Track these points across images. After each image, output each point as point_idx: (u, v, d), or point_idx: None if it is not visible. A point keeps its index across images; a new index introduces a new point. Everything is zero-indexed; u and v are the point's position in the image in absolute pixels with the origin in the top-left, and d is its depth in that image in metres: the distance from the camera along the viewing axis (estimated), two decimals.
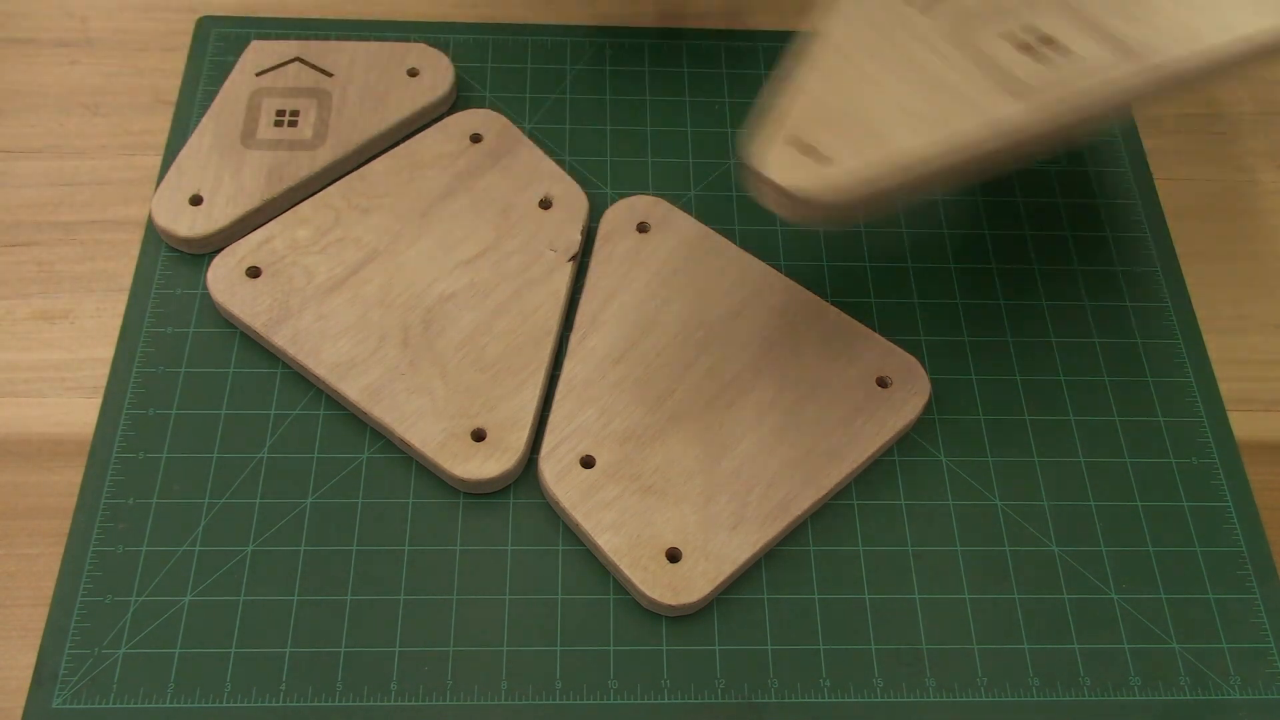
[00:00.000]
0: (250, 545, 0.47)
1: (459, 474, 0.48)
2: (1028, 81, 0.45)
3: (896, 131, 0.43)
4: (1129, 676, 0.46)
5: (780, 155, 0.42)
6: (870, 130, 0.43)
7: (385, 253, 0.53)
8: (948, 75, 0.45)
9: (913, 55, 0.46)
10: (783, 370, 0.51)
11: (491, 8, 0.65)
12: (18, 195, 0.56)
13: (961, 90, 0.45)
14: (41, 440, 0.50)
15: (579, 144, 0.60)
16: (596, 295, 0.53)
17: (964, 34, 0.46)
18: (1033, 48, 0.45)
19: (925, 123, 0.43)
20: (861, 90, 0.45)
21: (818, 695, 0.45)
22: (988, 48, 0.46)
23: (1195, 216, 0.60)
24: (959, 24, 0.47)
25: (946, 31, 0.47)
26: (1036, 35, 0.46)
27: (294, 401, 0.51)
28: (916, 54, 0.46)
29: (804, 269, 0.56)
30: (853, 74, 0.45)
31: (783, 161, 0.42)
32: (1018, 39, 0.46)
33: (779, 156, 0.42)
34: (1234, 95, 0.65)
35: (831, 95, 0.44)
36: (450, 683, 0.45)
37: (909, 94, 0.44)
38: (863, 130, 0.43)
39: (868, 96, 0.44)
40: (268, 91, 0.58)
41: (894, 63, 0.46)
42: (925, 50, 0.46)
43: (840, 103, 0.44)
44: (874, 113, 0.44)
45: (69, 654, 0.45)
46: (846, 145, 0.43)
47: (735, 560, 0.46)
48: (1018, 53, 0.45)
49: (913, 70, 0.45)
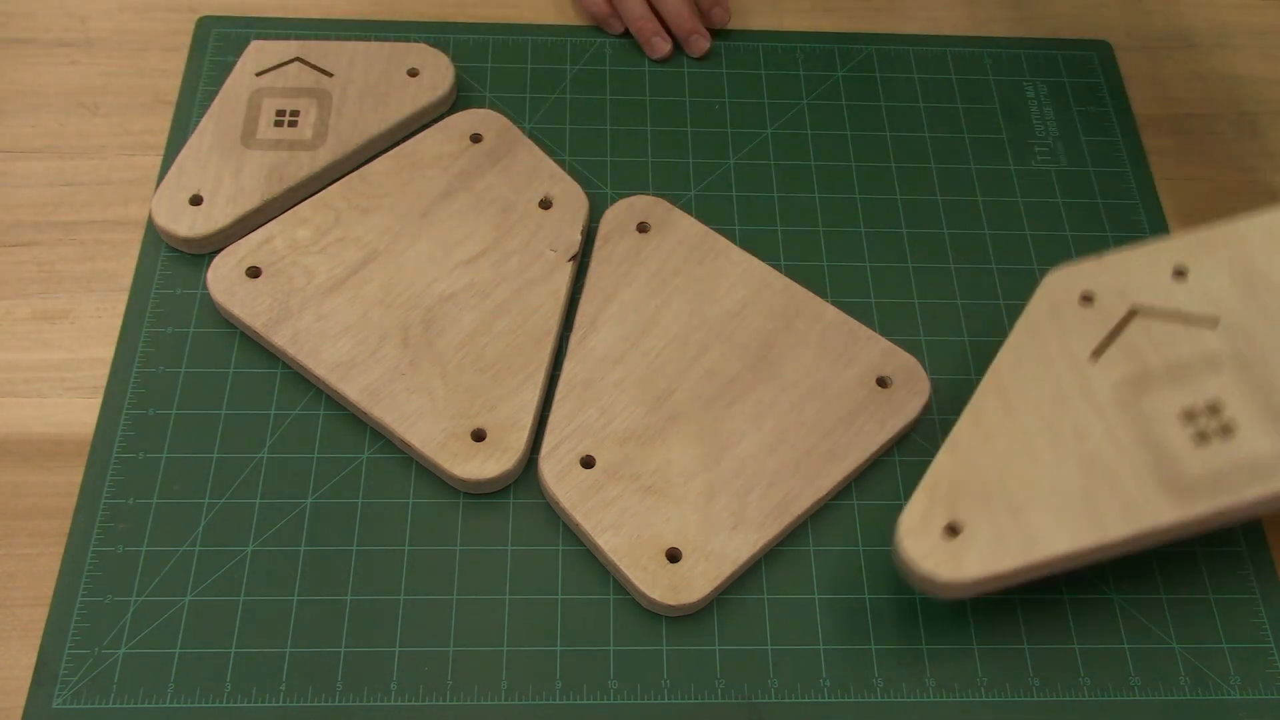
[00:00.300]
0: (250, 545, 0.47)
1: (459, 474, 0.48)
2: (1191, 479, 0.44)
3: (1044, 526, 0.43)
4: (1129, 677, 0.46)
5: (924, 540, 0.43)
6: (1019, 520, 0.43)
7: (385, 253, 0.53)
8: (1108, 454, 0.44)
9: (1076, 417, 0.45)
10: (783, 370, 0.51)
11: (491, 8, 0.65)
12: (18, 195, 0.56)
13: (1120, 480, 0.44)
14: (41, 440, 0.50)
15: (579, 144, 0.60)
16: (596, 295, 0.53)
17: (1137, 398, 0.45)
18: (1207, 437, 0.44)
19: (1074, 518, 0.43)
20: (1018, 457, 0.45)
21: (818, 695, 0.45)
22: (1157, 425, 0.45)
23: (1195, 216, 0.60)
24: (1134, 383, 0.46)
25: (1118, 387, 0.46)
26: (1212, 415, 0.45)
27: (294, 401, 0.51)
28: (1080, 416, 0.45)
29: (804, 269, 0.56)
30: (1013, 432, 0.45)
31: (925, 547, 0.43)
32: (1192, 420, 0.45)
33: (923, 541, 0.43)
34: (1234, 95, 0.65)
35: (988, 459, 0.45)
36: (450, 683, 0.45)
37: (1065, 473, 0.44)
38: (1011, 519, 0.43)
39: (1023, 468, 0.44)
40: (268, 91, 0.58)
41: (1056, 423, 0.45)
42: (1091, 414, 0.45)
43: (995, 470, 0.44)
44: (1026, 493, 0.44)
45: (69, 654, 0.45)
46: (991, 533, 0.43)
47: (735, 560, 0.46)
48: (1189, 440, 0.44)
49: (1074, 437, 0.45)
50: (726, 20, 0.64)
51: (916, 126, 0.61)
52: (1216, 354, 0.46)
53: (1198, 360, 0.46)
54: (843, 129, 0.61)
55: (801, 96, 0.62)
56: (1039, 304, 0.49)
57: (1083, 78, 0.64)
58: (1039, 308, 0.49)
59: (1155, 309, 0.47)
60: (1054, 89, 0.64)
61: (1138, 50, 0.66)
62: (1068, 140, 0.62)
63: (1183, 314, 0.47)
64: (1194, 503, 0.43)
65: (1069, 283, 0.49)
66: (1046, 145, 0.61)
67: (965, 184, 0.60)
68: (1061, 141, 0.61)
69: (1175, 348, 0.46)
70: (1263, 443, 0.44)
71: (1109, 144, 0.62)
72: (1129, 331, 0.47)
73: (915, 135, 0.61)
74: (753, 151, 0.60)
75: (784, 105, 0.62)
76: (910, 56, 0.64)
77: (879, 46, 0.65)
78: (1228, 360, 0.46)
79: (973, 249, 0.57)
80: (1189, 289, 0.48)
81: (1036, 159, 0.61)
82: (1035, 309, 0.49)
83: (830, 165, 0.60)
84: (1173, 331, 0.47)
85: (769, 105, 0.62)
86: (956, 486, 0.44)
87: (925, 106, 0.62)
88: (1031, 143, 0.61)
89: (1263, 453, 0.44)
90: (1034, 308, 0.49)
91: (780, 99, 0.62)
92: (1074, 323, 0.48)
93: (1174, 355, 0.46)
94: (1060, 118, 0.62)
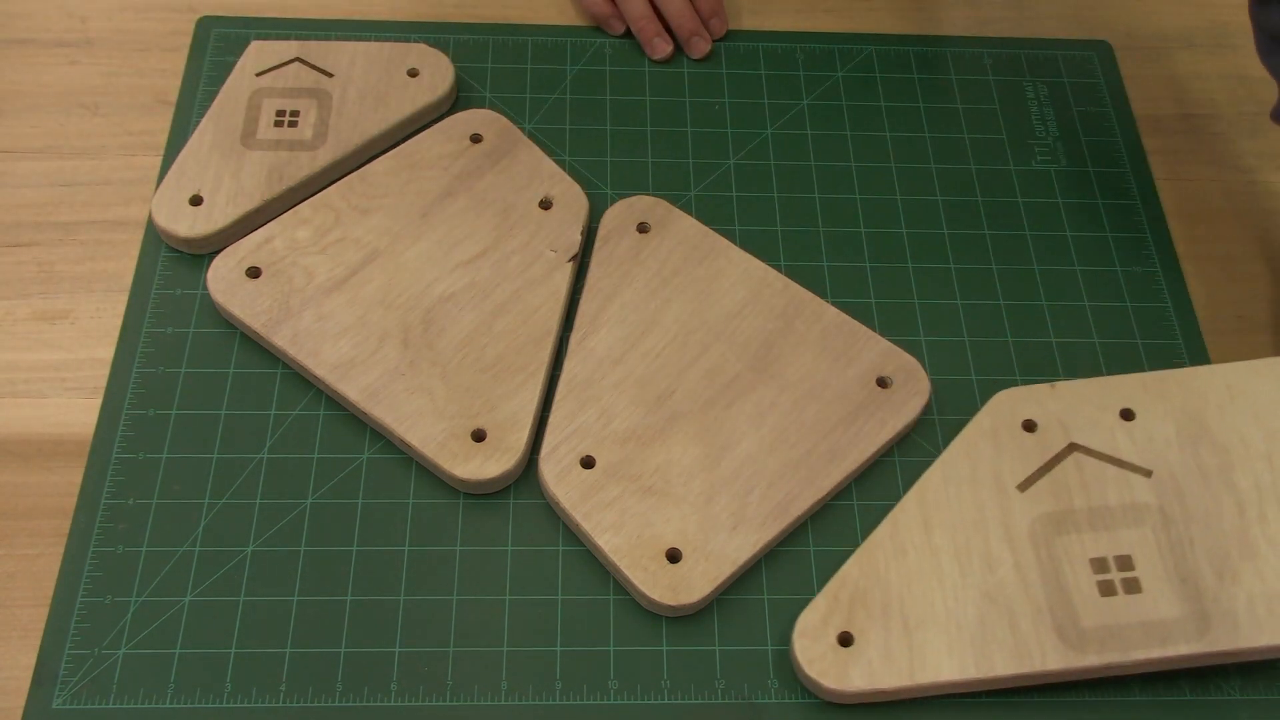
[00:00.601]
0: (250, 545, 0.47)
1: (459, 474, 0.48)
2: (1085, 629, 0.44)
3: (934, 651, 0.44)
4: (1129, 677, 0.46)
5: (817, 644, 0.44)
6: (911, 640, 0.44)
7: (385, 253, 0.53)
8: (1013, 589, 0.45)
9: (991, 546, 0.46)
10: (783, 370, 0.51)
11: (491, 8, 0.65)
12: (18, 195, 0.56)
13: (1017, 618, 0.44)
14: (41, 440, 0.50)
15: (579, 144, 0.60)
16: (596, 295, 0.53)
17: (1053, 537, 0.46)
18: (1113, 588, 0.45)
19: (964, 649, 0.44)
20: (925, 576, 0.45)
21: (818, 695, 0.45)
22: (1067, 569, 0.45)
23: (1195, 216, 0.60)
24: (1055, 521, 0.46)
25: (1038, 522, 0.46)
26: (1122, 569, 0.45)
27: (294, 401, 0.51)
28: (995, 546, 0.46)
29: (804, 269, 0.56)
30: (927, 550, 0.46)
31: (816, 651, 0.44)
32: (1102, 569, 0.45)
33: (815, 645, 0.44)
34: (1234, 95, 0.65)
35: (896, 574, 0.45)
36: (450, 683, 0.45)
37: (966, 601, 0.45)
38: (904, 638, 0.44)
39: (927, 588, 0.45)
40: (268, 91, 0.58)
41: (969, 549, 0.46)
42: (1005, 545, 0.46)
43: (901, 585, 0.45)
44: (924, 614, 0.44)
45: (69, 654, 0.45)
46: (882, 649, 0.44)
47: (735, 560, 0.46)
48: (1096, 590, 0.45)
49: (984, 566, 0.45)
50: (724, 31, 0.64)
51: (916, 126, 0.61)
52: (1143, 506, 0.47)
53: (1122, 510, 0.47)
54: (843, 129, 0.61)
55: (801, 96, 0.62)
56: (981, 422, 0.49)
57: (1083, 78, 0.64)
58: (980, 426, 0.49)
59: (1093, 450, 0.48)
60: (1054, 89, 0.64)
61: (1138, 50, 0.66)
62: (1068, 140, 0.62)
63: (1119, 460, 0.48)
64: (1083, 654, 0.44)
65: (1015, 405, 0.49)
66: (1046, 145, 0.61)
67: (965, 184, 0.59)
68: (1061, 141, 0.61)
69: (1103, 493, 0.47)
70: (1162, 606, 0.45)
71: (1109, 144, 0.62)
72: (1062, 467, 0.47)
73: (915, 135, 0.61)
74: (753, 152, 0.60)
75: (784, 105, 0.62)
76: (910, 56, 0.64)
77: (879, 46, 0.65)
78: (1152, 515, 0.46)
79: (973, 249, 0.57)
80: (1132, 432, 0.48)
81: (1036, 159, 0.61)
82: (976, 427, 0.49)
83: (830, 165, 0.60)
84: (1105, 475, 0.47)
85: (769, 105, 0.62)
86: (859, 595, 0.45)
87: (925, 106, 0.62)
88: (1031, 143, 0.61)
89: (1161, 617, 0.44)
90: (976, 425, 0.49)
91: (780, 99, 0.62)
92: (1011, 448, 0.48)
93: (1100, 500, 0.47)
94: (1060, 118, 0.62)
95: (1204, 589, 0.45)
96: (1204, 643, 0.44)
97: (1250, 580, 0.45)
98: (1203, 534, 0.46)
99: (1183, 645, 0.44)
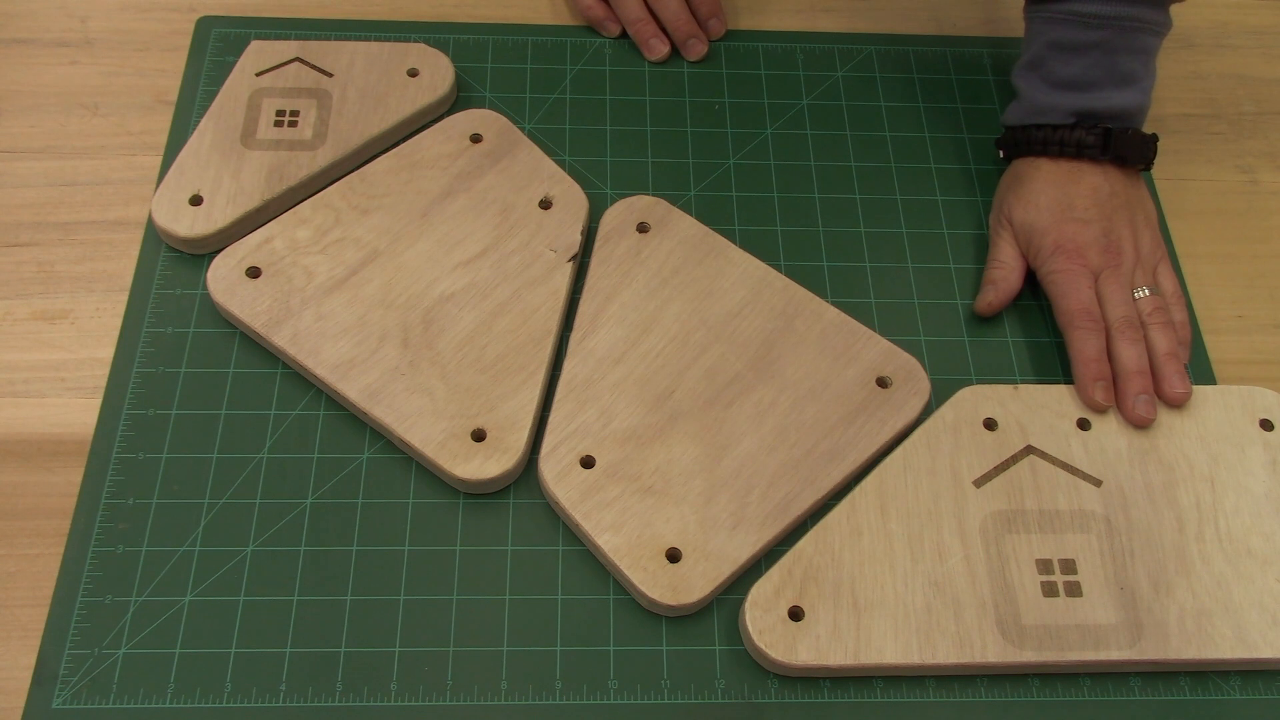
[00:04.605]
0: (250, 545, 0.47)
1: (459, 474, 0.48)
2: (1025, 627, 0.45)
3: (881, 633, 0.45)
4: (1129, 677, 0.46)
5: (767, 615, 0.45)
6: (859, 620, 0.45)
7: (385, 253, 0.53)
8: (960, 581, 0.46)
9: (943, 537, 0.47)
10: (783, 370, 0.51)
11: (491, 8, 0.65)
12: (18, 195, 0.56)
13: (962, 608, 0.45)
14: (41, 440, 0.50)
15: (579, 144, 0.60)
16: (596, 295, 0.53)
17: (1002, 535, 0.47)
18: (1056, 590, 0.46)
19: (909, 634, 0.45)
20: (877, 560, 0.46)
21: (817, 695, 0.45)
22: (1013, 567, 0.46)
23: (1195, 216, 0.60)
24: (1006, 519, 0.47)
25: (990, 518, 0.47)
26: (1066, 572, 0.46)
27: (294, 401, 0.51)
28: (946, 537, 0.47)
29: (804, 269, 0.56)
30: (881, 535, 0.47)
31: (766, 622, 0.45)
32: (1047, 570, 0.46)
33: (766, 616, 0.45)
34: (1234, 95, 0.65)
35: (850, 554, 0.46)
36: (450, 683, 0.45)
37: (915, 587, 0.46)
38: (852, 618, 0.45)
39: (878, 572, 0.46)
40: (268, 91, 0.58)
41: (922, 537, 0.47)
42: (956, 537, 0.47)
43: (853, 566, 0.46)
44: (873, 596, 0.45)
45: (69, 654, 0.45)
46: (830, 626, 0.45)
47: (735, 560, 0.46)
48: (1039, 590, 0.46)
49: (934, 555, 0.46)
50: (723, 32, 0.64)
51: (916, 126, 0.61)
52: (1090, 514, 0.48)
53: (1071, 515, 0.48)
54: (843, 129, 0.61)
55: (801, 96, 0.62)
56: (944, 415, 0.50)
57: None
58: (943, 419, 0.50)
59: (1048, 455, 0.49)
60: None
61: None
62: None
63: (1072, 467, 0.49)
64: (1021, 650, 0.45)
65: (979, 402, 0.50)
66: None
67: (965, 184, 0.59)
68: None
69: (1054, 497, 0.48)
70: (1099, 612, 0.46)
71: None
72: (1017, 468, 0.49)
73: (915, 135, 0.61)
74: (753, 151, 0.60)
75: (784, 105, 0.62)
76: (910, 56, 0.64)
77: (879, 46, 0.65)
78: (1098, 523, 0.48)
79: (972, 249, 0.57)
80: (1087, 442, 0.50)
81: None
82: (939, 420, 0.50)
83: (830, 165, 0.60)
84: (1057, 480, 0.49)
85: (769, 105, 0.62)
86: (813, 572, 0.46)
87: (925, 107, 0.62)
88: None
89: (1097, 622, 0.45)
90: (939, 418, 0.50)
91: (780, 99, 0.62)
92: (971, 444, 0.49)
93: (1051, 504, 0.48)
94: None
95: (1140, 599, 0.46)
96: (1135, 650, 0.45)
97: (1183, 595, 0.46)
98: (1143, 546, 0.47)
99: (1115, 651, 0.45)
